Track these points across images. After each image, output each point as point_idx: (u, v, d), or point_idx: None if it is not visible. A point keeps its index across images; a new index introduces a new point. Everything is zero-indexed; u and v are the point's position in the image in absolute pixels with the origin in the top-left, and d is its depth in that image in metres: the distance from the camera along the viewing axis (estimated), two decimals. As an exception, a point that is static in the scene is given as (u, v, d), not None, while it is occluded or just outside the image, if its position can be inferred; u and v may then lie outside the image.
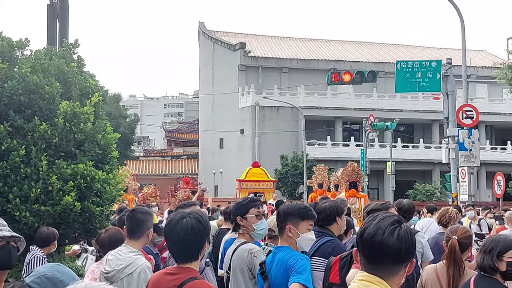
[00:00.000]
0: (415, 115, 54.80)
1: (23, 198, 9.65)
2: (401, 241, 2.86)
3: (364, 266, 2.95)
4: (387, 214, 3.01)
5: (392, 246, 2.84)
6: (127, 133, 61.05)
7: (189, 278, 4.07)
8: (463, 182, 22.96)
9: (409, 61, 25.16)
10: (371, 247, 2.89)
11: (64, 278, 2.93)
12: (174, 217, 4.26)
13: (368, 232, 2.91)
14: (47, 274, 2.97)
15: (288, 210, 5.43)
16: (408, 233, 2.90)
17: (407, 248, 2.88)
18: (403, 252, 2.87)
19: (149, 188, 28.11)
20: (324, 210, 6.10)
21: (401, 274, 2.92)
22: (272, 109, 53.73)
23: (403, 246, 2.86)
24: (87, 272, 6.71)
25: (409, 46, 69.69)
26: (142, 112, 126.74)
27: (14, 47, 10.59)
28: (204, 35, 64.26)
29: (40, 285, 2.91)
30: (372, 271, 2.90)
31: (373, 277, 2.89)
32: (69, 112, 10.13)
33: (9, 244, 3.58)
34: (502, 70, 37.97)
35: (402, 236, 2.86)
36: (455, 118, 23.31)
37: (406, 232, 2.89)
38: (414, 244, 2.96)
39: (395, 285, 2.92)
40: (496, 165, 50.42)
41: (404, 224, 2.92)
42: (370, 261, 2.92)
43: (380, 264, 2.89)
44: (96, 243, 7.87)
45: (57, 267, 3.05)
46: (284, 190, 48.04)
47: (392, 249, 2.85)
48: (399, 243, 2.85)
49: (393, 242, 2.85)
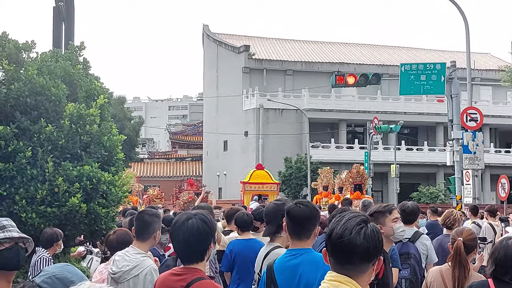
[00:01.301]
0: (419, 118, 54.78)
1: (29, 200, 9.69)
2: (368, 240, 2.92)
3: (333, 266, 3.02)
4: (355, 214, 3.07)
5: (359, 246, 2.91)
6: (132, 135, 61.15)
7: (195, 278, 4.10)
8: (467, 185, 22.96)
9: (413, 64, 25.19)
10: (339, 247, 2.95)
11: (74, 279, 2.95)
12: (180, 218, 4.30)
13: (335, 232, 2.97)
14: (57, 274, 2.99)
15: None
16: (375, 232, 2.97)
17: (374, 247, 2.95)
18: (370, 251, 2.93)
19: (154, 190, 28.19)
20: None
21: (370, 272, 2.99)
22: (276, 111, 53.77)
23: (370, 245, 2.93)
24: (95, 273, 6.76)
25: (413, 48, 69.68)
26: (146, 114, 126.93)
27: (21, 49, 10.62)
28: (208, 37, 64.35)
29: (51, 285, 2.93)
30: (341, 271, 2.97)
31: (342, 277, 2.95)
32: (75, 114, 10.17)
33: (18, 245, 3.62)
34: (506, 72, 38.00)
35: (368, 235, 2.93)
36: (460, 121, 23.31)
37: (372, 231, 2.96)
38: (381, 243, 3.02)
39: (365, 283, 2.98)
40: (500, 168, 50.36)
41: (370, 224, 2.99)
42: (338, 261, 2.99)
43: (349, 263, 2.95)
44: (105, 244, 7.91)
45: (67, 268, 3.08)
46: (288, 192, 48.05)
47: (360, 248, 2.91)
48: (366, 242, 2.92)
49: (360, 242, 2.91)
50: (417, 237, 7.85)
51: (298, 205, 4.74)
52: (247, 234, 7.90)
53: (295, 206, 4.73)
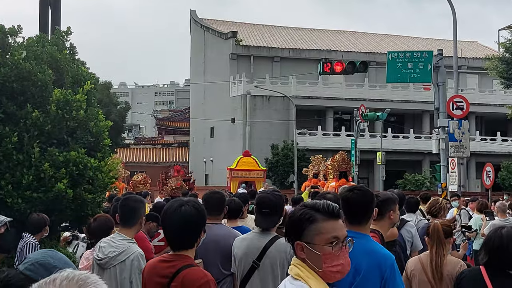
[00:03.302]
0: (405, 106, 54.89)
1: (15, 185, 9.65)
2: (288, 223, 3.18)
3: None
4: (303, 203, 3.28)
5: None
6: (118, 121, 60.92)
7: (184, 265, 4.11)
8: (452, 173, 23.11)
9: (400, 52, 25.27)
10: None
11: (57, 264, 2.93)
12: (172, 205, 4.30)
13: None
14: (40, 260, 2.98)
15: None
16: (293, 215, 3.16)
17: (287, 229, 3.19)
18: (287, 233, 3.20)
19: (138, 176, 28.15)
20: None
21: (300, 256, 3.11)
22: (263, 98, 53.73)
23: (287, 227, 3.19)
24: (81, 259, 6.76)
25: (400, 36, 69.77)
26: (132, 100, 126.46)
27: (7, 34, 10.54)
28: (196, 23, 64.08)
29: (34, 271, 2.91)
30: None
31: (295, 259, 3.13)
32: (61, 99, 10.12)
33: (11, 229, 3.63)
34: (493, 61, 38.11)
35: (290, 218, 3.17)
36: (446, 109, 23.43)
37: (292, 214, 3.19)
38: (292, 226, 3.15)
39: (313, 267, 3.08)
40: (485, 156, 50.63)
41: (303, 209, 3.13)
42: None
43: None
44: (87, 231, 7.91)
45: (49, 253, 3.06)
46: (274, 179, 48.13)
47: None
48: (287, 225, 3.19)
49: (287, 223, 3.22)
50: (402, 224, 7.91)
51: (353, 191, 4.74)
52: (235, 222, 7.87)
53: (352, 193, 4.72)
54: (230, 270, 6.11)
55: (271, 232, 5.68)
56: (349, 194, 4.72)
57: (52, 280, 1.89)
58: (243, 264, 5.66)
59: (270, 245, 5.54)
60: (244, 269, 5.65)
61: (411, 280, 5.90)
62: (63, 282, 1.88)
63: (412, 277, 5.89)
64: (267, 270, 5.51)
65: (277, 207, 5.68)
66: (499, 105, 51.95)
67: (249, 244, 5.69)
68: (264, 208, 5.64)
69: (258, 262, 5.56)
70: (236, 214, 7.91)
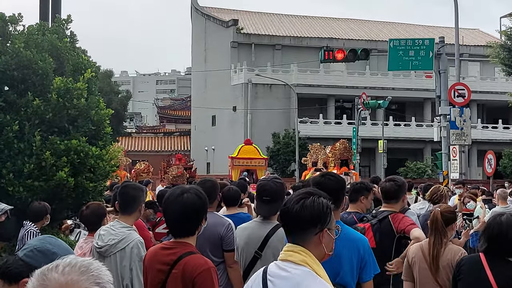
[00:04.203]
0: (407, 93, 54.82)
1: (17, 173, 9.65)
2: (305, 210, 3.13)
3: (287, 237, 3.26)
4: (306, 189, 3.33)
5: (296, 214, 3.14)
6: (119, 109, 60.91)
7: (186, 252, 4.12)
8: (454, 160, 23.08)
9: (402, 39, 25.15)
10: (282, 215, 3.23)
11: (56, 250, 2.91)
12: (174, 192, 4.30)
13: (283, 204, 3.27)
14: (39, 247, 2.96)
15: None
16: (315, 204, 3.16)
17: (311, 216, 3.14)
18: (307, 219, 3.14)
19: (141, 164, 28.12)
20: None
21: (316, 242, 3.16)
22: (265, 86, 53.65)
23: (307, 213, 3.13)
24: (75, 248, 6.75)
25: (402, 24, 69.57)
26: (134, 88, 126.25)
27: (7, 23, 10.51)
28: (197, 11, 63.91)
29: (33, 258, 2.90)
30: (290, 239, 3.21)
31: (295, 246, 3.14)
32: (62, 87, 10.10)
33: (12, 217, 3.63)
34: (494, 49, 38.00)
35: (306, 205, 3.15)
36: (447, 97, 23.36)
37: (311, 202, 3.16)
38: (323, 215, 3.17)
39: (315, 253, 3.15)
40: (487, 144, 50.61)
41: (314, 197, 3.19)
42: (286, 230, 3.24)
43: (292, 232, 3.19)
44: (80, 219, 7.91)
45: (48, 239, 3.04)
46: (276, 167, 48.13)
47: (297, 216, 3.14)
48: (303, 211, 3.13)
49: (297, 210, 3.14)
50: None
51: (326, 177, 4.87)
52: (234, 209, 7.88)
53: (324, 178, 4.84)
54: (221, 257, 6.17)
55: (272, 221, 5.66)
56: (322, 179, 4.86)
57: (54, 267, 1.89)
58: (245, 254, 5.66)
59: (272, 234, 5.53)
60: (246, 259, 5.65)
61: (412, 267, 5.90)
62: (65, 269, 1.88)
63: (413, 264, 5.89)
64: (269, 260, 5.46)
65: (278, 194, 5.66)
66: (501, 93, 51.85)
67: (250, 234, 5.68)
68: (265, 195, 5.62)
69: (260, 252, 5.55)
70: (234, 202, 7.93)
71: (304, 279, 3.05)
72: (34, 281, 1.88)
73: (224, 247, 6.18)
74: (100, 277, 1.90)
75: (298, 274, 3.06)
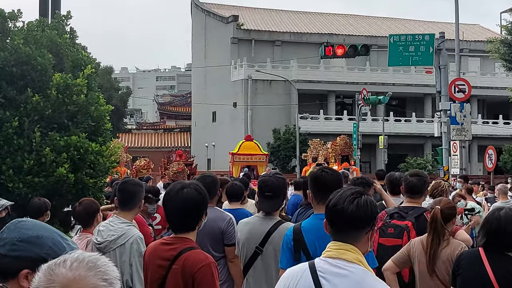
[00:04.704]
0: (407, 89, 54.82)
1: (16, 170, 9.64)
2: (360, 209, 3.13)
3: (333, 236, 3.21)
4: (351, 187, 3.33)
5: (351, 214, 3.13)
6: (119, 106, 60.92)
7: (186, 248, 4.11)
8: (454, 156, 23.07)
9: (402, 35, 25.12)
10: (334, 215, 3.19)
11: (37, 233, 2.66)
12: (174, 187, 4.29)
13: (332, 202, 3.22)
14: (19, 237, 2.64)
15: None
16: (367, 203, 3.18)
17: (365, 216, 3.15)
18: (362, 219, 3.15)
19: (141, 160, 28.12)
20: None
21: (364, 242, 3.18)
22: (265, 82, 53.63)
23: (362, 213, 3.14)
24: None
25: (402, 19, 69.50)
26: (134, 85, 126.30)
27: (6, 19, 10.48)
28: (197, 7, 63.87)
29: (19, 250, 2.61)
30: (338, 238, 3.17)
31: (346, 244, 3.12)
32: (61, 84, 10.08)
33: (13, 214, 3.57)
34: (494, 44, 37.96)
35: (361, 205, 3.15)
36: (447, 92, 23.35)
37: (365, 201, 3.17)
38: (374, 214, 3.21)
39: (362, 251, 3.16)
40: (487, 139, 50.61)
41: (365, 196, 3.21)
42: (335, 229, 3.20)
43: (344, 231, 3.16)
44: (73, 215, 7.89)
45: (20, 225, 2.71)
46: (276, 163, 48.14)
47: (352, 216, 3.13)
48: (357, 211, 3.13)
49: (352, 210, 3.13)
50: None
51: (324, 171, 4.85)
52: (237, 204, 7.90)
53: (322, 172, 4.82)
54: (222, 252, 6.21)
55: (274, 217, 5.64)
56: (320, 173, 4.83)
57: (62, 262, 1.89)
58: (246, 249, 5.65)
59: (273, 230, 5.50)
60: (247, 254, 5.63)
61: (413, 260, 5.90)
62: (73, 264, 1.88)
63: (414, 257, 5.89)
64: (270, 256, 5.48)
65: (280, 190, 5.64)
66: (501, 88, 51.84)
67: (252, 229, 5.66)
68: (267, 191, 5.60)
69: (261, 247, 5.53)
70: (238, 197, 7.95)
71: (365, 277, 3.07)
72: (41, 276, 1.87)
73: (225, 242, 6.20)
74: (107, 273, 1.90)
75: (356, 273, 3.06)
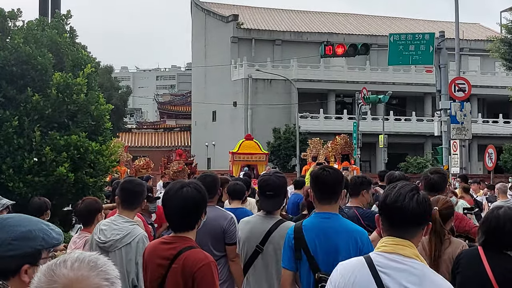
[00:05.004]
0: (407, 88, 54.78)
1: (17, 169, 9.65)
2: (420, 206, 3.16)
3: (388, 231, 3.21)
4: (406, 183, 3.33)
5: (412, 210, 3.14)
6: (119, 105, 60.87)
7: (186, 247, 4.11)
8: (454, 155, 23.06)
9: (402, 34, 25.09)
10: (394, 211, 3.18)
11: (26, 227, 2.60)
12: (173, 186, 4.28)
13: (390, 198, 3.20)
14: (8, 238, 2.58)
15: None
16: (425, 200, 3.21)
17: (424, 212, 3.18)
18: (422, 215, 3.17)
19: (141, 160, 28.09)
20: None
21: (419, 237, 3.22)
22: (265, 81, 53.60)
23: (422, 210, 3.16)
24: (69, 243, 6.70)
25: (402, 18, 69.46)
26: (134, 84, 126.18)
27: (7, 18, 10.50)
28: (197, 6, 63.82)
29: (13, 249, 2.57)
30: (395, 234, 3.18)
31: (404, 240, 3.15)
32: (61, 83, 10.09)
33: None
34: (495, 43, 37.91)
35: (420, 201, 3.17)
36: (448, 91, 23.33)
37: (423, 198, 3.20)
38: (430, 209, 3.28)
39: (416, 246, 3.20)
40: (487, 138, 50.56)
41: (421, 192, 3.24)
42: (392, 225, 3.20)
43: (402, 227, 3.16)
44: (75, 213, 7.88)
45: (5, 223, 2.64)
46: (276, 162, 48.12)
47: (412, 213, 3.14)
48: (418, 207, 3.15)
49: (413, 207, 3.14)
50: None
51: (325, 170, 4.84)
52: (238, 203, 7.90)
53: (323, 171, 4.81)
54: (222, 251, 6.21)
55: (275, 216, 5.63)
56: (321, 172, 4.81)
57: (62, 262, 1.88)
58: (246, 248, 5.65)
59: (274, 230, 5.49)
60: (248, 252, 5.63)
61: None
62: (74, 264, 1.87)
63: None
64: (270, 255, 5.47)
65: (281, 189, 5.63)
66: (501, 87, 51.81)
67: (252, 228, 5.66)
68: (268, 190, 5.59)
69: (262, 246, 5.52)
70: (239, 197, 7.96)
71: (426, 272, 3.09)
72: (41, 277, 1.85)
73: (226, 241, 6.19)
74: (108, 272, 1.89)
75: (416, 267, 3.08)
